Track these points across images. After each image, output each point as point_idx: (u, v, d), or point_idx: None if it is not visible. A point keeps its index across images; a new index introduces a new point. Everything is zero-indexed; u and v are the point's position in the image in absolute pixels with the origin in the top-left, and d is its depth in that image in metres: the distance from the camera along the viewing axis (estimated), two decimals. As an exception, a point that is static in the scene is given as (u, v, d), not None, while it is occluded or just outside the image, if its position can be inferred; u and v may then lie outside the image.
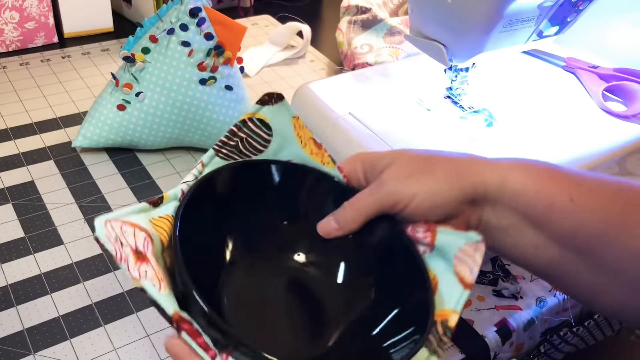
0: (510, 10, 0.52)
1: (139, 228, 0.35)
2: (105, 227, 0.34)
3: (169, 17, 0.65)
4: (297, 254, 0.44)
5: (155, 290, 0.33)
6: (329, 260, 0.44)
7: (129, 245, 0.34)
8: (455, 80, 0.64)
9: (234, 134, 0.43)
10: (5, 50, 0.90)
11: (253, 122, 0.44)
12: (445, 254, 0.40)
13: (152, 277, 0.33)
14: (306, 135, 0.44)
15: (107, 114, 0.66)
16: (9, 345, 0.48)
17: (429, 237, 0.40)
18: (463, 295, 0.38)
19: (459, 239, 0.39)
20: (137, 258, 0.34)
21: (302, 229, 0.44)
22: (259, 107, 0.44)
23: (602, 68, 0.71)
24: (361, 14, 0.90)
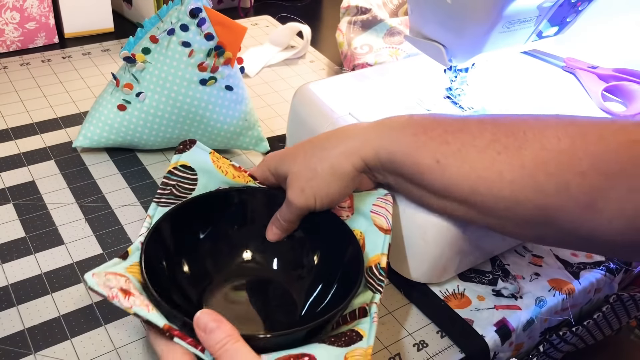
0: (510, 10, 0.52)
1: (119, 275, 0.43)
2: (93, 278, 0.42)
3: (170, 17, 0.65)
4: (246, 254, 0.53)
5: (146, 312, 0.40)
6: (277, 252, 0.53)
7: (115, 287, 0.42)
8: (455, 81, 0.65)
9: (166, 185, 0.52)
10: (6, 50, 0.90)
11: (178, 169, 0.52)
12: (364, 213, 0.49)
13: (140, 304, 0.41)
14: (225, 163, 0.53)
15: (108, 114, 0.67)
16: (9, 345, 0.48)
17: (348, 201, 0.50)
18: (386, 240, 0.47)
19: (371, 197, 0.49)
20: (124, 294, 0.41)
21: (250, 234, 0.53)
22: (179, 156, 0.53)
23: (601, 68, 0.71)
24: (361, 14, 0.90)
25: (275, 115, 0.82)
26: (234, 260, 0.52)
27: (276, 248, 0.52)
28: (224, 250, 0.52)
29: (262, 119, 0.80)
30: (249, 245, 0.53)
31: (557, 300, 0.56)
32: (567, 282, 0.58)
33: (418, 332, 0.53)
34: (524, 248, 0.62)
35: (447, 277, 0.56)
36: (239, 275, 0.52)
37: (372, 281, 0.46)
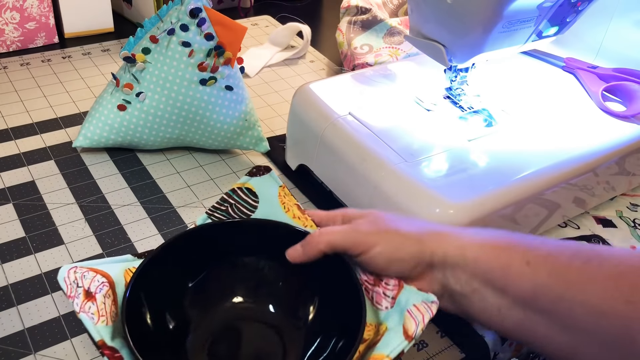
0: (510, 10, 0.52)
1: (102, 274, 0.43)
2: (67, 272, 0.42)
3: (170, 17, 0.65)
4: (237, 297, 0.49)
5: (91, 323, 0.39)
6: (274, 295, 0.49)
7: (82, 287, 0.41)
8: (455, 81, 0.65)
9: (225, 201, 0.51)
10: (6, 50, 0.90)
11: (242, 190, 0.51)
12: (401, 309, 0.44)
13: (94, 312, 0.40)
14: (290, 201, 0.51)
15: (108, 114, 0.67)
16: (9, 345, 0.48)
17: (395, 290, 0.44)
18: (401, 345, 0.41)
19: (417, 297, 0.43)
20: (85, 296, 0.41)
21: (247, 271, 0.49)
22: (248, 178, 0.52)
23: (601, 68, 0.71)
24: (361, 14, 0.90)
25: (275, 115, 0.82)
26: (225, 301, 0.49)
27: (272, 291, 0.49)
28: (215, 289, 0.48)
29: (262, 119, 0.80)
30: (242, 284, 0.49)
31: (557, 300, 0.56)
32: (567, 282, 0.58)
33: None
34: (524, 248, 0.62)
35: (447, 277, 0.56)
36: (229, 317, 0.48)
37: None
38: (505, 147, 0.60)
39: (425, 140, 0.60)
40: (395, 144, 0.58)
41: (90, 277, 0.42)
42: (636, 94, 0.67)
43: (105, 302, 0.41)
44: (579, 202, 0.64)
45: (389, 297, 0.45)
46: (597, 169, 0.61)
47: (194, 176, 0.69)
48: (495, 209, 0.54)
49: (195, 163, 0.71)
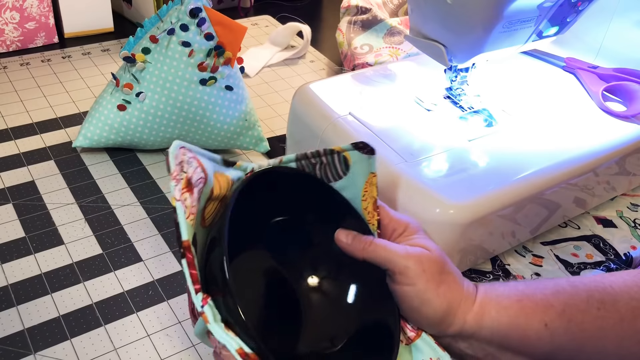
0: (510, 10, 0.52)
1: (202, 169, 0.40)
2: (178, 149, 0.39)
3: (169, 17, 0.65)
4: (311, 276, 0.48)
5: (184, 216, 0.37)
6: (339, 284, 0.48)
7: (187, 173, 0.39)
8: (455, 81, 0.65)
9: (318, 155, 0.48)
10: (6, 50, 0.90)
11: (339, 156, 0.48)
12: (416, 355, 0.43)
13: (188, 205, 0.38)
14: (372, 193, 0.48)
15: (108, 114, 0.67)
16: (9, 345, 0.48)
17: (414, 333, 0.44)
18: None
19: (433, 352, 0.43)
20: (186, 185, 0.38)
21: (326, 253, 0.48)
22: (351, 148, 0.48)
23: (601, 68, 0.71)
24: (361, 14, 0.90)
25: (275, 115, 0.82)
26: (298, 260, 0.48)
27: (343, 280, 0.48)
28: (302, 247, 0.48)
29: (262, 119, 0.80)
30: (320, 263, 0.48)
31: (557, 300, 0.56)
32: (568, 282, 0.58)
33: (418, 332, 0.53)
34: (524, 248, 0.62)
35: (447, 277, 0.56)
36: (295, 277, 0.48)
37: None
38: (505, 147, 0.60)
39: (426, 140, 0.60)
40: (395, 144, 0.58)
41: (194, 166, 0.39)
42: (636, 94, 0.67)
43: (199, 200, 0.39)
44: (580, 202, 0.64)
45: (407, 335, 0.44)
46: (597, 169, 0.61)
47: (194, 176, 0.69)
48: (495, 209, 0.54)
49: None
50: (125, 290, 0.54)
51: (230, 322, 0.36)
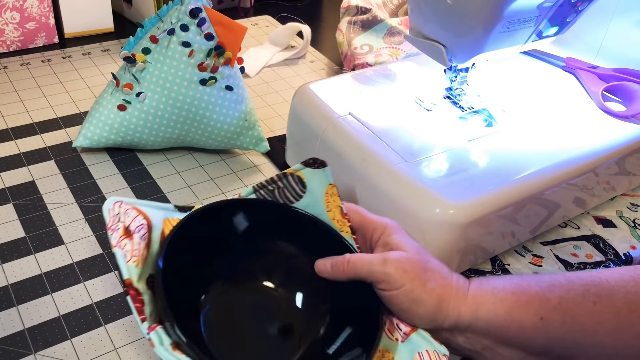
0: (510, 10, 0.52)
1: (144, 216, 0.42)
2: (113, 205, 0.42)
3: (170, 17, 0.65)
4: (266, 281, 0.50)
5: (123, 259, 0.40)
6: (295, 288, 0.50)
7: (123, 223, 0.41)
8: (455, 81, 0.65)
9: (274, 182, 0.51)
10: (6, 50, 0.90)
11: (293, 177, 0.51)
12: (412, 348, 0.44)
13: (128, 250, 0.40)
14: (336, 202, 0.50)
15: (108, 114, 0.67)
16: (9, 345, 0.48)
17: (409, 328, 0.44)
18: None
19: (430, 345, 0.43)
20: (124, 233, 0.41)
21: (278, 262, 0.50)
22: (302, 167, 0.51)
23: (601, 68, 0.71)
24: (361, 14, 0.90)
25: (275, 115, 0.82)
26: (250, 279, 0.50)
27: (299, 284, 0.49)
28: (243, 266, 0.49)
29: (262, 119, 0.80)
30: (274, 271, 0.50)
31: (557, 300, 0.56)
32: (567, 282, 0.58)
33: (418, 332, 0.53)
34: (524, 248, 0.62)
35: (447, 277, 0.56)
36: (248, 291, 0.49)
37: None
38: (505, 147, 0.60)
39: (425, 140, 0.60)
40: (395, 144, 0.58)
41: (133, 215, 0.42)
42: (636, 94, 0.67)
43: (140, 244, 0.41)
44: (579, 202, 0.64)
45: (402, 332, 0.44)
46: (597, 169, 0.61)
47: (194, 176, 0.69)
48: (495, 209, 0.54)
49: (195, 163, 0.71)
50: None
51: (178, 344, 0.39)
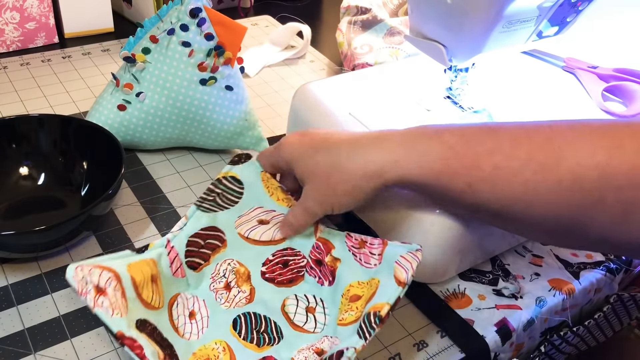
0: (510, 10, 0.52)
1: (107, 269, 0.43)
2: (75, 271, 0.42)
3: (170, 17, 0.65)
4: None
5: (107, 316, 0.41)
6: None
7: (92, 283, 0.42)
8: (455, 81, 0.65)
9: (212, 191, 0.53)
10: (6, 50, 0.90)
11: (227, 179, 0.54)
12: (389, 262, 0.47)
13: (107, 306, 0.41)
14: (273, 185, 0.54)
15: (108, 114, 0.67)
16: (9, 345, 0.48)
17: (380, 248, 0.48)
18: (397, 291, 0.44)
19: (402, 249, 0.47)
20: (97, 292, 0.42)
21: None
22: (231, 167, 0.54)
23: (601, 68, 0.71)
24: (361, 14, 0.90)
25: (275, 115, 0.82)
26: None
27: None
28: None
29: (262, 119, 0.80)
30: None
31: (557, 300, 0.56)
32: (568, 282, 0.58)
33: (418, 332, 0.53)
34: (524, 248, 0.62)
35: (447, 277, 0.56)
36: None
37: (365, 327, 0.43)
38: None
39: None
40: (396, 144, 0.58)
41: (98, 272, 0.43)
42: (636, 94, 0.67)
43: (116, 295, 0.42)
44: (579, 202, 0.64)
45: (376, 255, 0.48)
46: (597, 169, 0.61)
47: (194, 176, 0.69)
48: (495, 209, 0.54)
49: (195, 163, 0.71)
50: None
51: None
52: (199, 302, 0.50)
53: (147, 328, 0.43)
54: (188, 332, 0.47)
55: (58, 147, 0.64)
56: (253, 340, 0.48)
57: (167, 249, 0.49)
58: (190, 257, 0.51)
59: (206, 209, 0.52)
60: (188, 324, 0.48)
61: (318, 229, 0.53)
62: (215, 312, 0.50)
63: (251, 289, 0.52)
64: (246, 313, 0.50)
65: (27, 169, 0.63)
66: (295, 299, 0.51)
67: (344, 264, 0.50)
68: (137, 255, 0.47)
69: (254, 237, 0.53)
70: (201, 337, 0.47)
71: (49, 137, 0.63)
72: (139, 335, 0.41)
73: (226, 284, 0.51)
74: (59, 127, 0.63)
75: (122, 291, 0.43)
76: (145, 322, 0.43)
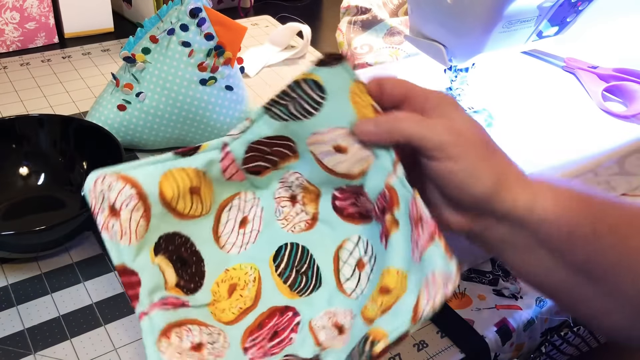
0: (510, 10, 0.52)
1: (132, 184, 0.39)
2: (94, 183, 0.38)
3: (170, 17, 0.65)
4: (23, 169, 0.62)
5: (112, 242, 0.38)
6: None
7: (108, 200, 0.38)
8: (455, 81, 0.65)
9: (286, 94, 0.42)
10: (6, 50, 0.90)
11: (307, 83, 0.41)
12: (423, 271, 0.37)
13: (116, 231, 0.38)
14: (365, 101, 0.41)
15: (108, 114, 0.67)
16: (9, 345, 0.48)
17: (425, 242, 0.37)
18: (404, 324, 0.35)
19: (440, 261, 0.36)
20: (110, 213, 0.38)
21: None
22: (315, 69, 0.41)
23: (601, 68, 0.71)
24: (361, 14, 0.90)
25: (275, 115, 0.82)
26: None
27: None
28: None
29: (262, 119, 0.80)
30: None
31: (557, 300, 0.56)
32: (568, 282, 0.58)
33: (418, 332, 0.53)
34: (524, 248, 0.62)
35: (447, 277, 0.56)
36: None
37: (357, 355, 0.36)
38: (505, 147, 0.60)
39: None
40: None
41: (118, 188, 0.38)
42: (636, 94, 0.67)
43: (130, 218, 0.38)
44: (579, 202, 0.64)
45: (417, 250, 0.38)
46: (597, 169, 0.61)
47: (194, 176, 0.69)
48: (495, 209, 0.54)
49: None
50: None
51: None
52: (257, 209, 0.45)
53: (175, 243, 0.39)
54: (231, 243, 0.44)
55: (58, 147, 0.63)
56: (288, 280, 0.44)
57: (222, 153, 0.43)
58: (253, 163, 0.44)
59: (275, 115, 0.43)
60: (234, 232, 0.44)
61: (395, 171, 0.40)
62: (267, 228, 0.45)
63: (315, 213, 0.45)
64: (295, 244, 0.45)
65: (27, 169, 0.63)
66: (356, 242, 0.44)
67: (400, 234, 0.39)
68: (181, 159, 0.41)
69: (327, 164, 0.43)
70: (242, 254, 0.44)
71: (48, 137, 0.63)
72: (146, 264, 0.38)
73: (292, 196, 0.45)
74: (59, 127, 0.63)
75: (145, 209, 0.39)
76: (173, 236, 0.40)
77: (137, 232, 0.39)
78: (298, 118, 0.42)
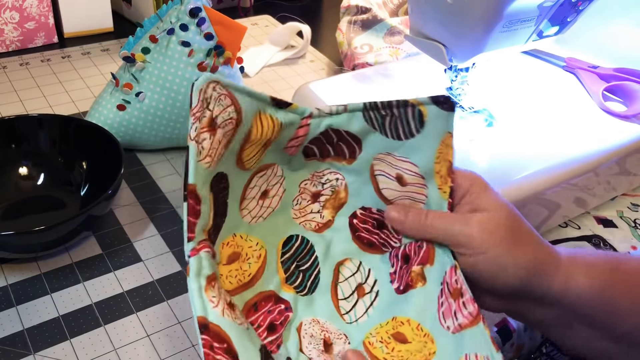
0: (510, 10, 0.52)
1: (236, 108, 0.36)
2: (206, 85, 0.35)
3: (169, 17, 0.65)
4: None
5: (195, 159, 0.34)
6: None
7: (211, 112, 0.35)
8: (455, 80, 0.64)
9: (389, 106, 0.42)
10: (5, 50, 0.90)
11: (413, 109, 0.41)
12: (461, 348, 0.37)
13: (204, 147, 0.34)
14: (447, 155, 0.41)
15: (107, 114, 0.66)
16: (9, 345, 0.48)
17: (467, 320, 0.37)
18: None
19: (484, 347, 0.35)
20: (208, 124, 0.35)
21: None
22: (429, 102, 0.41)
23: (602, 68, 0.71)
24: (361, 14, 0.90)
25: (275, 115, 0.82)
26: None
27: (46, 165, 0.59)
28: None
29: (262, 119, 0.80)
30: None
31: (557, 300, 0.56)
32: (568, 282, 0.58)
33: (418, 333, 0.53)
34: (525, 248, 0.62)
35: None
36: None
37: None
38: (505, 147, 0.60)
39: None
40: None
41: (224, 105, 0.36)
42: (637, 94, 0.67)
43: (221, 142, 0.36)
44: (580, 202, 0.64)
45: (457, 322, 0.38)
46: (597, 169, 0.61)
47: (193, 176, 0.69)
48: (495, 209, 0.54)
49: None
50: (125, 290, 0.54)
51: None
52: (280, 188, 0.43)
53: (220, 185, 0.37)
54: (248, 210, 0.42)
55: (57, 147, 0.63)
56: (287, 271, 0.43)
57: (303, 121, 0.42)
58: (313, 145, 0.43)
59: (368, 118, 0.42)
60: (254, 201, 0.42)
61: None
62: (281, 211, 0.44)
63: (329, 221, 0.44)
64: (306, 239, 0.44)
65: (27, 169, 0.63)
66: (357, 267, 0.44)
67: (426, 291, 0.40)
68: (274, 109, 0.40)
69: (379, 182, 0.44)
70: (254, 226, 0.42)
71: (48, 137, 0.63)
72: (206, 198, 0.35)
73: (316, 193, 0.44)
74: (59, 127, 0.63)
75: (230, 139, 0.37)
76: (222, 177, 0.38)
77: (216, 158, 0.36)
78: (386, 134, 0.43)
